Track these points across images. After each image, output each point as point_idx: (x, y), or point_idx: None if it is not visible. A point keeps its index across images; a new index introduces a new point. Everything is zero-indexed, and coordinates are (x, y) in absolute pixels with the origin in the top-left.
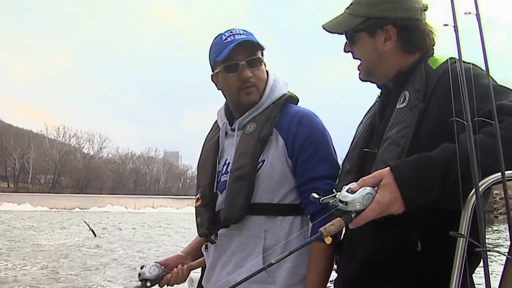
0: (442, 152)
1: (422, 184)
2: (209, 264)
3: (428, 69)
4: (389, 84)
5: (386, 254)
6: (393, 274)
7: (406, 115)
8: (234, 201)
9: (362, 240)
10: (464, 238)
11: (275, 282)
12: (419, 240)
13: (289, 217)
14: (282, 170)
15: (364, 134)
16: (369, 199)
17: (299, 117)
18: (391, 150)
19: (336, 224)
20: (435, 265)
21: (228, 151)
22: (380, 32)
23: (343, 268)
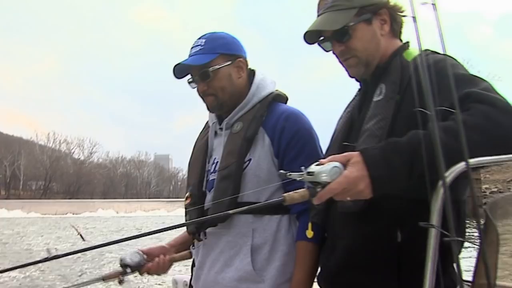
0: (410, 137)
1: (389, 166)
2: (198, 262)
3: (403, 62)
4: (368, 77)
5: (366, 245)
6: (374, 265)
7: (382, 108)
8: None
9: (342, 232)
10: (435, 228)
11: (264, 281)
12: (399, 231)
13: (276, 216)
14: (268, 169)
15: (344, 128)
16: (336, 173)
17: (285, 116)
18: (369, 142)
19: (300, 193)
20: (415, 255)
21: (217, 150)
22: (375, 18)
23: (325, 261)
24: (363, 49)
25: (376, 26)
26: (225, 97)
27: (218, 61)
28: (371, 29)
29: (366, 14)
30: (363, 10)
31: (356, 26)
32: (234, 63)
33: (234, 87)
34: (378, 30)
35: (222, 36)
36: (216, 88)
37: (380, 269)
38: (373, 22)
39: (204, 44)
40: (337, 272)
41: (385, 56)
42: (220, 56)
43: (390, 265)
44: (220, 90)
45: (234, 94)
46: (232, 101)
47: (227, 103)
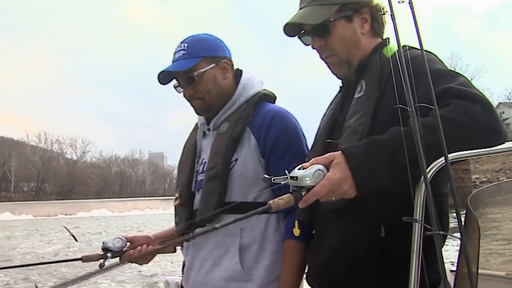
0: (392, 134)
1: (372, 164)
2: (187, 263)
3: (382, 58)
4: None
5: (351, 241)
6: (359, 260)
7: (363, 104)
8: (208, 200)
9: (328, 229)
10: (418, 223)
11: (253, 280)
12: (383, 226)
13: (264, 215)
14: (255, 168)
15: (327, 125)
16: (319, 176)
17: (270, 115)
18: (350, 139)
19: (285, 199)
20: (399, 250)
21: (205, 150)
22: (356, 16)
23: (312, 259)
24: (342, 46)
25: (357, 24)
26: (212, 100)
27: (202, 65)
28: (351, 27)
29: (347, 12)
30: (344, 7)
31: (336, 22)
32: (218, 65)
33: (220, 88)
34: (358, 28)
35: (204, 39)
36: (203, 92)
37: (365, 264)
38: (354, 20)
39: (187, 48)
40: (324, 269)
41: (366, 54)
42: (203, 59)
43: (375, 260)
44: (207, 93)
45: (221, 95)
46: (220, 102)
47: (215, 105)
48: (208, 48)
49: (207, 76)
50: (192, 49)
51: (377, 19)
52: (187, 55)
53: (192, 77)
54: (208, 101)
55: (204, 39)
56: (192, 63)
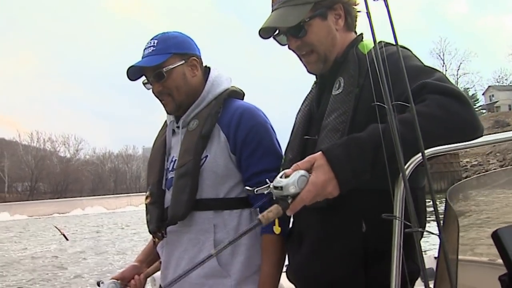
0: (371, 132)
1: (353, 164)
2: (163, 262)
3: (359, 55)
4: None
5: (331, 237)
6: (341, 256)
7: (342, 101)
8: (179, 198)
9: (308, 225)
10: (398, 219)
11: (230, 275)
12: (363, 221)
13: (236, 210)
14: (225, 165)
15: (303, 121)
16: (303, 182)
17: (239, 112)
18: (331, 137)
19: (274, 211)
20: (380, 245)
21: (175, 148)
22: (330, 13)
23: (292, 255)
24: (319, 43)
25: (331, 21)
26: (181, 97)
27: (171, 61)
28: (326, 24)
29: (321, 9)
30: (318, 5)
31: (311, 21)
32: (187, 62)
33: (189, 86)
34: (333, 25)
35: (174, 36)
36: (171, 88)
37: (347, 259)
38: (328, 17)
39: (157, 45)
40: (305, 264)
41: (341, 49)
42: (173, 56)
43: (357, 255)
44: (175, 90)
45: (190, 93)
46: (189, 100)
47: (184, 103)
48: (178, 45)
49: (176, 72)
50: (162, 46)
51: (351, 13)
52: (156, 51)
53: (161, 73)
54: (177, 99)
55: (174, 36)
56: (161, 59)
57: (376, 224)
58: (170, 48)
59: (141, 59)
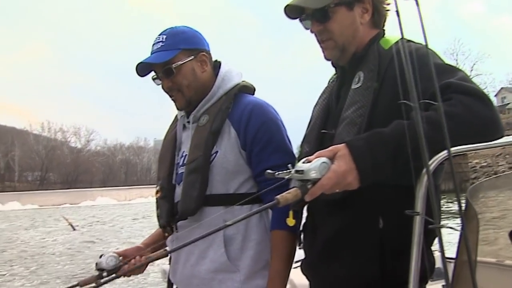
0: (394, 128)
1: (375, 157)
2: (173, 257)
3: (380, 50)
4: (345, 64)
5: (348, 232)
6: (356, 251)
7: (361, 95)
8: (189, 193)
9: (324, 220)
10: (420, 216)
11: (239, 270)
12: (381, 217)
13: (246, 206)
14: (235, 161)
15: (321, 115)
16: (325, 168)
17: (250, 108)
18: (348, 130)
19: (293, 193)
20: (397, 241)
21: (185, 143)
22: (358, 5)
23: (307, 249)
24: (339, 33)
25: (357, 13)
26: (191, 93)
27: (180, 57)
28: (351, 15)
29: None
30: None
31: (337, 8)
32: (196, 58)
33: (198, 81)
34: (358, 17)
35: (182, 31)
36: (181, 84)
37: (363, 255)
38: (355, 8)
39: (165, 40)
40: (320, 259)
41: (362, 44)
42: (182, 52)
43: (373, 251)
44: (185, 86)
45: (199, 88)
46: (198, 95)
47: (194, 99)
48: (187, 40)
49: (185, 68)
50: (170, 41)
51: (379, 9)
52: (165, 47)
53: (171, 69)
54: (187, 95)
55: (182, 31)
56: (170, 55)
57: (393, 221)
58: (179, 43)
59: (150, 55)
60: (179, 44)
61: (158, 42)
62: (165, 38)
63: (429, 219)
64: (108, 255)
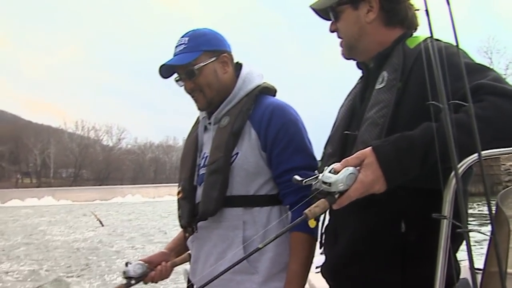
0: (423, 131)
1: (403, 164)
2: (193, 257)
3: (406, 49)
4: (370, 63)
5: (370, 236)
6: (378, 255)
7: (384, 95)
8: (209, 194)
9: (345, 222)
10: (447, 219)
11: (258, 272)
12: (403, 221)
13: (266, 207)
14: (256, 162)
15: (345, 116)
16: (352, 179)
17: (270, 109)
18: (370, 131)
19: (321, 205)
20: (419, 246)
21: (207, 145)
22: (363, 4)
23: (328, 252)
24: (344, 31)
25: (362, 12)
26: (213, 94)
27: (202, 59)
28: (355, 14)
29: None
30: None
31: (342, 8)
32: (218, 59)
33: (220, 83)
34: (363, 16)
35: (204, 33)
36: (202, 85)
37: (384, 259)
38: (360, 7)
39: (188, 42)
40: (341, 263)
41: (386, 44)
42: (204, 53)
43: (394, 256)
44: (207, 87)
45: (221, 89)
46: (220, 96)
47: (215, 100)
48: (209, 42)
49: (207, 70)
50: (193, 43)
51: (384, 7)
52: (188, 49)
53: (193, 71)
54: (209, 96)
55: (204, 33)
56: (192, 57)
57: (416, 225)
58: (200, 45)
59: (172, 57)
60: (201, 46)
61: (180, 44)
62: (187, 40)
63: (457, 223)
64: (135, 263)
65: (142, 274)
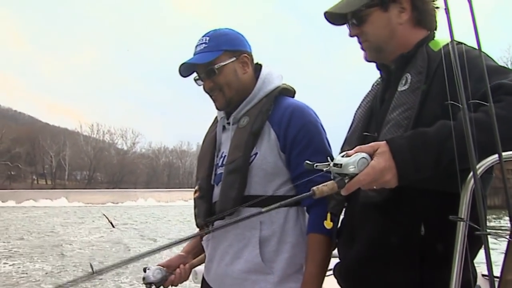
0: (439, 128)
1: (416, 157)
2: (208, 255)
3: (429, 51)
4: (391, 65)
5: (388, 238)
6: (396, 258)
7: (408, 97)
8: (227, 193)
9: (363, 225)
10: (464, 222)
11: (273, 272)
12: (422, 224)
13: (283, 208)
14: (274, 162)
15: (363, 118)
16: (363, 164)
17: (290, 110)
18: (393, 132)
19: (329, 186)
20: (438, 249)
21: (225, 144)
22: (393, 5)
23: (344, 253)
24: (374, 34)
25: (393, 14)
26: (232, 93)
27: (223, 58)
28: (386, 16)
29: (383, 0)
30: None
31: (370, 11)
32: (238, 59)
33: (240, 82)
34: (394, 18)
35: (225, 33)
36: (222, 84)
37: (402, 262)
38: (390, 9)
39: (209, 42)
40: (357, 264)
41: (409, 46)
42: (224, 53)
43: (413, 259)
44: (226, 86)
45: (240, 89)
46: (239, 96)
47: (234, 99)
48: (229, 42)
49: (227, 69)
50: (213, 43)
51: (419, 8)
52: (208, 48)
53: (213, 70)
54: (228, 95)
55: (225, 33)
56: (213, 56)
57: (435, 228)
58: (221, 45)
59: (193, 56)
60: (222, 46)
61: (201, 44)
62: (208, 40)
63: (475, 226)
64: (154, 268)
65: (162, 279)
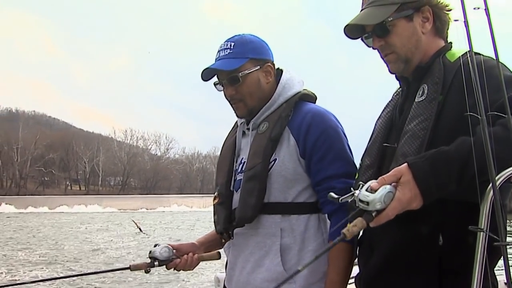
0: (459, 146)
1: (439, 180)
2: (229, 263)
3: (446, 62)
4: (410, 77)
5: (407, 248)
6: (415, 268)
7: (425, 108)
8: (247, 201)
9: (382, 234)
10: (484, 232)
11: (295, 281)
12: (441, 234)
13: (304, 215)
14: (294, 168)
15: (384, 128)
16: (389, 198)
17: (310, 116)
18: (410, 143)
19: (359, 225)
20: (456, 259)
21: (244, 150)
22: (417, 15)
23: (364, 263)
24: (401, 45)
25: (417, 23)
26: (254, 103)
27: (247, 66)
28: (411, 25)
29: (408, 10)
30: (404, 6)
31: (395, 21)
32: (262, 68)
33: (262, 92)
34: (419, 27)
35: (251, 40)
36: (245, 93)
37: (421, 272)
38: (415, 19)
39: (234, 48)
40: (376, 274)
41: (427, 56)
42: (250, 61)
43: (431, 269)
44: (249, 96)
45: (262, 98)
46: (260, 105)
47: (256, 108)
48: (255, 50)
49: (251, 78)
50: (239, 49)
51: (440, 17)
52: (233, 54)
53: (237, 78)
54: (250, 104)
55: (251, 40)
56: (239, 63)
57: (454, 238)
58: (247, 52)
59: (216, 61)
60: (248, 53)
61: (225, 49)
62: (233, 46)
63: (494, 236)
64: (163, 245)
65: (167, 258)
